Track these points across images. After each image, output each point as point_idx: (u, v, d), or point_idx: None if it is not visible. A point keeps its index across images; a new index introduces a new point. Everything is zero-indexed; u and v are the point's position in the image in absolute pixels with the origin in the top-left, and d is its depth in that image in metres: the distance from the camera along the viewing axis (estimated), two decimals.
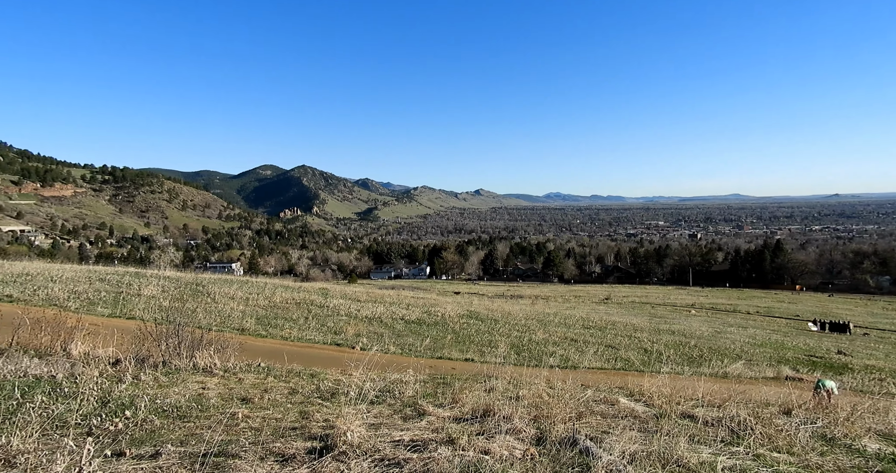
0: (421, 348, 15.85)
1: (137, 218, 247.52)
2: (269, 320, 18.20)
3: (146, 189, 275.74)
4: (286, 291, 27.01)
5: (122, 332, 9.42)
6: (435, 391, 6.38)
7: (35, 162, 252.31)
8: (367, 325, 20.58)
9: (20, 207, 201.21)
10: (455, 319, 25.04)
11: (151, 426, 4.16)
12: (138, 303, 17.37)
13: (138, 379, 5.80)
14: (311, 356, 11.92)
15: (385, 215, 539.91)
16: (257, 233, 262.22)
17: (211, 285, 24.65)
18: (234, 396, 5.65)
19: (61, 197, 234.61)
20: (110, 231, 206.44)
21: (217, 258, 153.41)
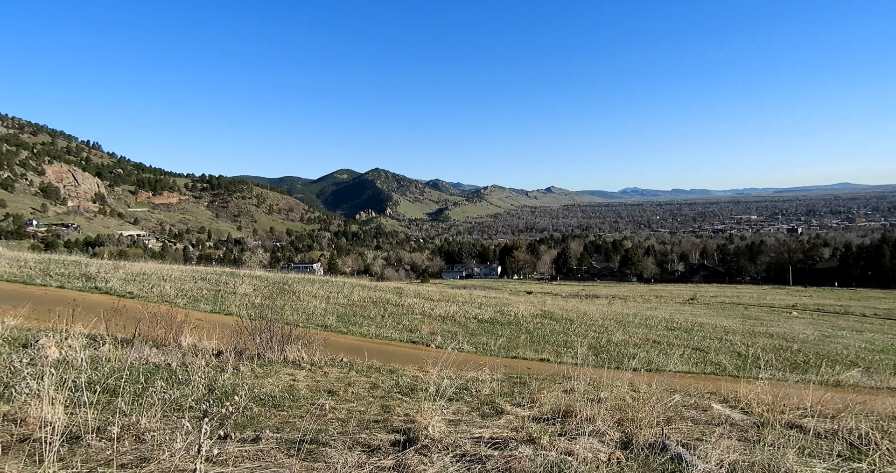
0: (495, 347, 15.81)
1: (231, 222, 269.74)
2: (349, 317, 19.05)
3: (238, 195, 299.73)
4: (363, 290, 28.12)
5: (222, 327, 10.31)
6: (511, 390, 6.35)
7: (147, 173, 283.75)
8: (441, 324, 20.89)
9: (136, 214, 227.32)
10: (528, 318, 24.70)
11: (251, 412, 4.52)
12: (234, 300, 18.90)
13: (238, 370, 6.32)
14: (389, 353, 12.31)
15: (455, 215, 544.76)
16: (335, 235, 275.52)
17: (295, 284, 26.27)
18: (321, 388, 5.99)
19: (168, 204, 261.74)
20: (208, 234, 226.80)
21: (300, 259, 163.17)
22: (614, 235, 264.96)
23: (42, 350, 5.97)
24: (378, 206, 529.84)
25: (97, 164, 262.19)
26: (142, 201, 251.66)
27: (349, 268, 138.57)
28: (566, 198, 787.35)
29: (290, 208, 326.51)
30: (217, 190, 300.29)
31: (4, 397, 4.02)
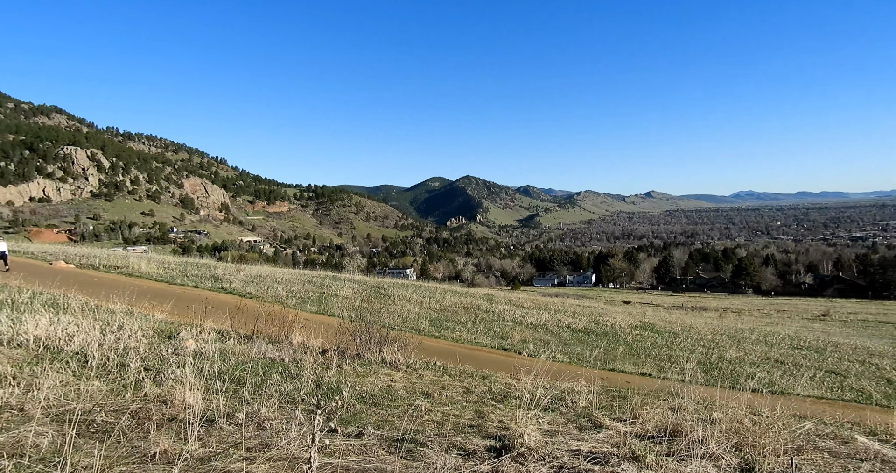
0: (590, 358, 15.16)
1: (332, 229, 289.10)
2: (441, 322, 19.42)
3: (339, 204, 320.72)
4: (454, 295, 28.54)
5: (326, 327, 11.06)
6: (610, 403, 6.05)
7: (263, 185, 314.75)
8: (533, 332, 20.51)
9: (253, 221, 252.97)
10: (626, 330, 23.36)
11: (354, 409, 4.80)
12: (336, 302, 20.18)
13: (341, 368, 6.74)
14: (480, 359, 12.33)
15: (546, 221, 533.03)
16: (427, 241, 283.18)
17: (391, 288, 27.40)
18: (417, 390, 6.17)
19: (280, 213, 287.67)
20: (313, 240, 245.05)
21: (394, 264, 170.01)
22: (725, 242, 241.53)
23: (182, 342, 6.85)
24: (468, 213, 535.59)
25: (223, 177, 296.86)
26: (258, 210, 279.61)
27: (440, 274, 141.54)
28: (668, 203, 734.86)
29: (386, 215, 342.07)
30: (321, 199, 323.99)
31: (157, 381, 4.69)
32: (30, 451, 2.74)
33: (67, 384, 4.19)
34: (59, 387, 4.00)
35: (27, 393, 3.77)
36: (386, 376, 6.89)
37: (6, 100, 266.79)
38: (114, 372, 4.89)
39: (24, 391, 3.81)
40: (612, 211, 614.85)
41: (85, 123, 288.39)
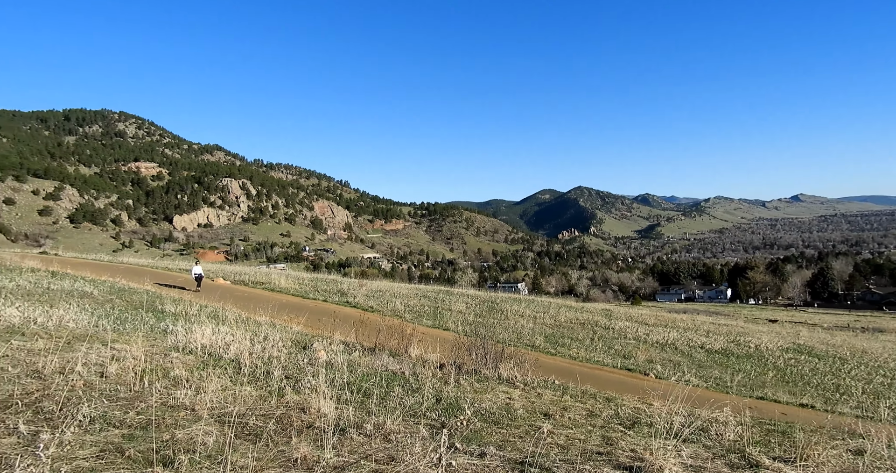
0: (732, 383, 13.43)
1: (444, 244, 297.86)
2: (556, 338, 18.74)
3: (450, 220, 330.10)
4: (569, 311, 27.45)
5: (442, 341, 11.26)
6: (766, 438, 5.23)
7: (381, 204, 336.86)
8: (660, 351, 18.84)
9: (373, 239, 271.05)
10: (776, 352, 20.37)
11: (474, 426, 4.75)
12: (450, 317, 20.57)
13: (459, 383, 6.77)
14: (602, 379, 11.60)
15: (669, 231, 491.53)
16: (538, 255, 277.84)
17: (503, 302, 27.24)
18: (537, 410, 5.94)
19: (396, 230, 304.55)
20: (426, 256, 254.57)
21: (505, 278, 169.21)
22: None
23: (315, 353, 7.45)
24: (581, 224, 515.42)
25: (347, 199, 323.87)
26: (377, 228, 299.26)
27: (553, 288, 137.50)
28: (821, 207, 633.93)
29: (495, 229, 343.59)
30: (433, 216, 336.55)
31: (296, 389, 5.12)
32: (199, 448, 3.13)
33: (226, 389, 4.76)
34: (220, 391, 4.55)
35: (197, 395, 4.35)
36: (504, 393, 6.76)
37: (182, 142, 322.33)
38: (261, 379, 5.45)
39: (195, 393, 4.40)
40: (748, 218, 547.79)
41: (238, 157, 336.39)
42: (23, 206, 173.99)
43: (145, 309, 12.21)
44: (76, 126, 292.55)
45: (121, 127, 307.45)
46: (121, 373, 4.89)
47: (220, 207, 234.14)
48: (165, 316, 11.22)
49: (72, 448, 2.98)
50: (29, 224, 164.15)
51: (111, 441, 3.22)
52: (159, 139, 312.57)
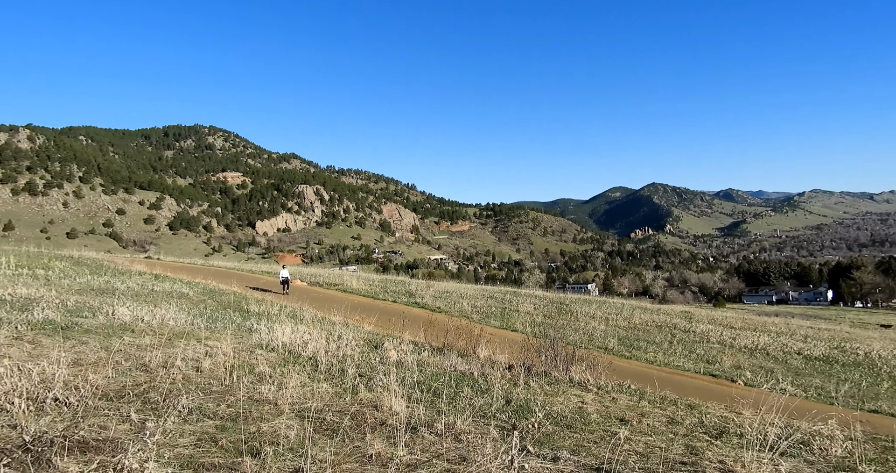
0: (836, 393, 12.12)
1: (510, 245, 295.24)
2: (631, 341, 17.92)
3: (515, 220, 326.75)
4: (644, 312, 26.15)
5: (510, 342, 11.15)
6: (882, 456, 4.67)
7: (447, 206, 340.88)
8: (748, 356, 17.42)
9: (439, 240, 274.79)
10: (891, 361, 18.14)
11: (546, 430, 4.64)
12: (517, 318, 20.32)
13: (528, 385, 6.66)
14: (682, 385, 10.92)
15: (757, 228, 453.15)
16: (609, 254, 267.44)
17: (572, 304, 26.48)
18: (611, 415, 5.71)
19: (462, 231, 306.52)
20: (492, 257, 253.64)
21: (574, 279, 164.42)
22: None
23: (386, 352, 7.65)
24: (656, 223, 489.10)
25: (413, 201, 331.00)
26: (443, 229, 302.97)
27: (626, 289, 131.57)
28: None
29: (563, 229, 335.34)
30: (499, 216, 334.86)
31: (369, 387, 5.30)
32: (282, 441, 3.33)
33: (305, 385, 5.02)
34: (299, 387, 4.81)
35: (279, 390, 4.62)
36: (576, 397, 6.56)
37: (263, 152, 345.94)
38: (336, 376, 5.69)
39: (277, 389, 4.68)
40: (852, 213, 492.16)
41: (312, 164, 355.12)
42: (131, 215, 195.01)
43: (233, 309, 13.19)
44: (173, 141, 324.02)
45: (210, 140, 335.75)
46: (213, 368, 5.32)
47: (296, 212, 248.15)
48: (250, 316, 12.06)
49: (173, 436, 3.27)
50: (136, 231, 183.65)
51: (206, 431, 3.50)
52: (243, 150, 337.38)
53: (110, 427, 3.28)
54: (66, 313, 8.41)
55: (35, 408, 3.53)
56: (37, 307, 8.19)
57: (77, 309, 9.06)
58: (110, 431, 3.21)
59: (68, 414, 3.49)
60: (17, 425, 3.10)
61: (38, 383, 3.89)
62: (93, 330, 6.91)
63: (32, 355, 4.98)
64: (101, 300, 10.47)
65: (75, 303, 9.82)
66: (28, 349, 5.31)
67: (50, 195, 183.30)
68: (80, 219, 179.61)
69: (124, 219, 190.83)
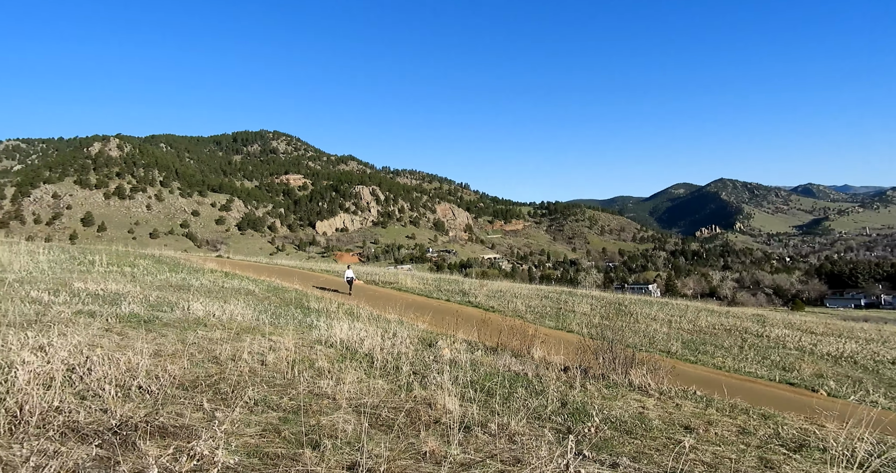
0: None
1: (566, 244, 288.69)
2: (697, 345, 16.99)
3: (571, 219, 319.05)
4: (711, 315, 24.71)
5: (565, 343, 10.90)
6: None
7: (500, 205, 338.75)
8: (832, 365, 16.01)
9: (493, 240, 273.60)
10: None
11: (604, 434, 4.49)
12: (573, 318, 19.84)
13: (585, 388, 6.47)
14: (755, 393, 10.22)
15: (841, 226, 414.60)
16: (671, 254, 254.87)
17: (631, 305, 25.48)
18: (675, 422, 5.43)
19: (515, 230, 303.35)
20: (547, 256, 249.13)
21: (634, 279, 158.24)
22: None
23: (440, 350, 7.71)
24: (724, 220, 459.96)
25: (467, 200, 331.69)
26: (496, 228, 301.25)
27: (690, 290, 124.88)
28: None
29: (622, 227, 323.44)
30: (553, 215, 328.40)
31: (423, 384, 5.36)
32: (340, 434, 3.44)
33: (361, 381, 5.16)
34: (356, 383, 4.95)
35: (337, 385, 4.78)
36: (636, 401, 6.31)
37: (322, 154, 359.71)
38: (391, 373, 5.80)
39: (335, 384, 4.84)
40: None
41: (368, 166, 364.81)
42: (204, 216, 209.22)
43: (294, 306, 13.81)
44: (241, 146, 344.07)
45: (274, 144, 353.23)
46: (276, 362, 5.58)
47: (353, 212, 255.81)
48: (310, 312, 12.56)
49: (241, 425, 3.47)
50: (209, 232, 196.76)
51: (270, 422, 3.68)
52: (304, 153, 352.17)
53: (185, 415, 3.52)
54: (149, 307, 9.14)
55: (122, 394, 3.86)
56: (124, 302, 8.96)
57: (158, 304, 9.82)
58: (185, 418, 3.45)
59: (150, 401, 3.79)
60: (107, 409, 3.41)
61: (124, 371, 4.25)
62: (171, 324, 7.47)
63: (120, 345, 5.45)
64: (178, 296, 11.30)
65: (156, 298, 10.65)
66: (116, 340, 5.82)
67: (135, 199, 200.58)
68: (161, 220, 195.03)
69: (198, 220, 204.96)
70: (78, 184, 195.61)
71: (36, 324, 6.04)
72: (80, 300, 9.01)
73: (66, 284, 11.24)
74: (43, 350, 4.44)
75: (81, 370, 4.13)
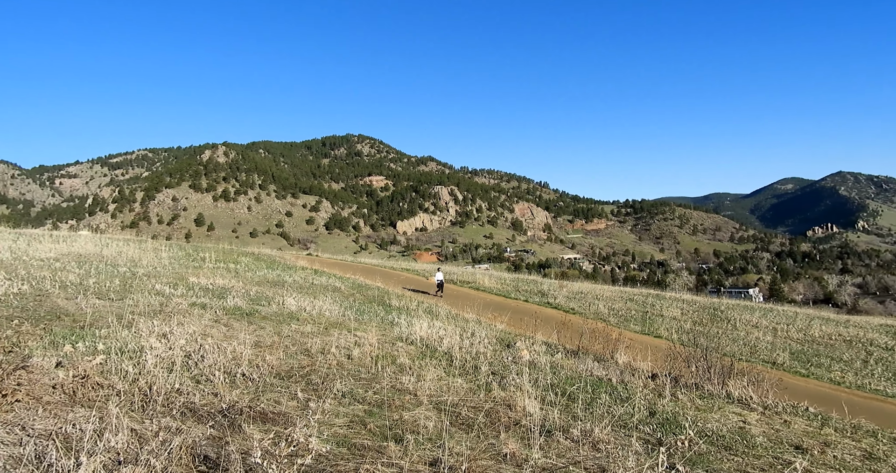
0: None
1: (653, 244, 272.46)
2: (808, 357, 15.26)
3: (659, 217, 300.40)
4: (826, 324, 22.03)
5: (653, 349, 10.29)
6: None
7: (581, 204, 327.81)
8: None
9: (573, 239, 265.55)
10: None
11: (698, 448, 4.19)
12: (661, 323, 18.66)
13: (676, 397, 6.07)
14: (884, 414, 9.00)
15: None
16: (777, 255, 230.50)
17: (729, 310, 23.46)
18: (783, 440, 4.93)
19: (597, 230, 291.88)
20: (632, 257, 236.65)
21: (731, 283, 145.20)
22: None
23: (518, 351, 7.64)
24: (842, 218, 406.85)
25: (546, 199, 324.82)
26: (577, 228, 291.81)
27: (800, 295, 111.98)
28: None
29: (717, 227, 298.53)
30: (639, 214, 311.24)
31: (502, 385, 5.34)
32: (422, 430, 3.53)
33: (441, 379, 5.26)
34: (436, 380, 5.05)
35: (418, 382, 4.92)
36: (735, 415, 5.81)
37: (403, 156, 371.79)
38: (470, 373, 5.85)
39: (416, 380, 4.98)
40: None
41: (447, 166, 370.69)
42: (296, 217, 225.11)
43: (376, 303, 14.38)
44: (329, 150, 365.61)
45: (359, 147, 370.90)
46: (361, 357, 5.86)
47: (432, 212, 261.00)
48: (391, 310, 13.02)
49: (330, 416, 3.69)
50: (300, 231, 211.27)
51: (356, 414, 3.87)
52: (386, 155, 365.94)
53: (282, 403, 3.82)
54: (249, 301, 10.00)
55: (229, 381, 4.27)
56: (229, 296, 9.89)
57: (257, 298, 10.72)
58: (282, 406, 3.74)
59: (252, 388, 4.15)
60: (217, 393, 3.79)
61: (230, 359, 4.70)
62: (268, 317, 8.12)
63: (227, 336, 6.03)
64: (273, 291, 12.24)
65: (255, 293, 11.63)
66: (223, 330, 6.44)
67: (238, 201, 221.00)
68: (259, 220, 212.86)
69: (291, 220, 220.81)
70: (192, 188, 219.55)
71: (160, 314, 6.86)
72: (194, 293, 10.08)
73: (183, 278, 12.63)
74: (165, 337, 5.04)
75: (196, 356, 4.63)
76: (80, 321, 5.63)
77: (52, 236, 22.00)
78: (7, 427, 2.46)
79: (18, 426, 2.51)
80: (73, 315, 6.03)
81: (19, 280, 8.30)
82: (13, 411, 2.68)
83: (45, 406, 2.88)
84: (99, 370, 3.80)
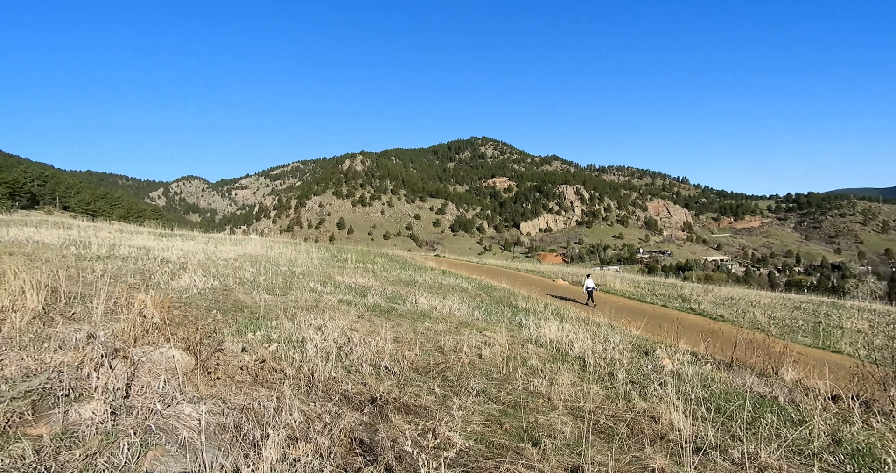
0: None
1: (825, 244, 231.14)
2: None
3: (834, 213, 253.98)
4: None
5: (831, 366, 8.76)
6: None
7: (728, 200, 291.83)
8: None
9: (718, 239, 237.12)
10: None
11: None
12: (841, 336, 15.74)
13: (868, 425, 5.08)
14: None
15: None
16: None
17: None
18: None
19: (750, 228, 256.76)
20: (796, 259, 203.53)
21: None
22: None
23: (659, 360, 7.06)
24: None
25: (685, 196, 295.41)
26: (723, 227, 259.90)
27: None
28: None
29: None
30: (805, 209, 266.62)
31: (642, 395, 5.00)
32: (559, 435, 3.46)
33: (575, 384, 5.09)
34: (570, 385, 4.91)
35: (551, 386, 4.83)
36: None
37: (526, 157, 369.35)
38: (605, 380, 5.56)
39: (549, 384, 4.90)
40: None
41: (572, 165, 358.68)
42: (424, 219, 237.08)
43: (503, 304, 14.44)
44: (454, 154, 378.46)
45: (483, 150, 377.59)
46: (492, 357, 5.94)
47: (556, 212, 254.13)
48: (518, 311, 12.96)
49: (469, 413, 3.81)
50: (427, 233, 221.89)
51: (492, 413, 3.94)
52: (509, 156, 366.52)
53: (422, 397, 4.04)
54: (386, 299, 10.77)
55: (374, 372, 4.65)
56: (369, 293, 10.77)
57: (393, 297, 11.50)
58: (422, 399, 3.96)
59: (394, 381, 4.47)
60: (366, 383, 4.16)
61: (374, 353, 5.11)
62: (404, 315, 8.65)
63: (370, 331, 6.57)
64: (407, 290, 13.02)
65: (391, 292, 12.48)
66: (367, 325, 7.04)
67: (373, 205, 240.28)
68: (391, 223, 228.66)
69: (419, 223, 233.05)
70: (335, 195, 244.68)
71: (315, 308, 7.74)
72: (340, 290, 11.18)
73: (331, 277, 14.08)
74: (321, 330, 5.67)
75: (346, 348, 5.13)
76: (256, 313, 6.60)
77: (231, 240, 26.15)
78: (213, 399, 3.01)
79: (220, 399, 3.05)
80: (251, 308, 7.09)
81: (211, 277, 10.01)
82: (215, 386, 3.27)
83: (237, 384, 3.45)
84: (272, 355, 4.42)
